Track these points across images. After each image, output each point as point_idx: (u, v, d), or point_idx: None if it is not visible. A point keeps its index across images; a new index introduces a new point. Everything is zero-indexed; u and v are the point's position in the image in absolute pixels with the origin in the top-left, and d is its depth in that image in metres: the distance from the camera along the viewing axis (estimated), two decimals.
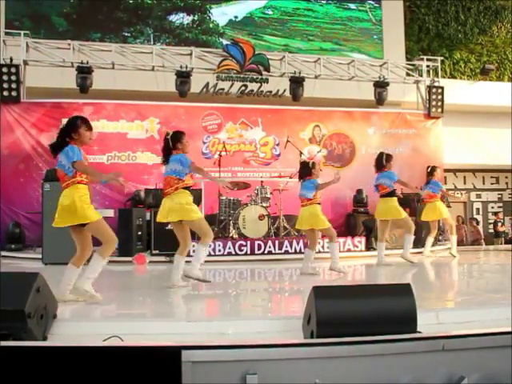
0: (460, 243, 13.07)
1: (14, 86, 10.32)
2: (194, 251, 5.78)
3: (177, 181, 5.42)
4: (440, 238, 11.57)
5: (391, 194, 7.73)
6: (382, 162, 7.74)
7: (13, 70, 10.28)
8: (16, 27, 11.72)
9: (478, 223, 15.05)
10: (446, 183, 14.47)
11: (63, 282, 4.55)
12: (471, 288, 6.14)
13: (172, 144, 5.53)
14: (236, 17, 14.37)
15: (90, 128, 4.64)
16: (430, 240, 9.14)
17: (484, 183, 16.58)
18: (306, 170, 6.81)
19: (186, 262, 5.56)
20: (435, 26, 15.62)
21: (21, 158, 10.35)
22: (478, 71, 15.32)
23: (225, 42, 13.16)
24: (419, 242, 9.76)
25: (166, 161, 5.56)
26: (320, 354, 2.31)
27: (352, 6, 15.04)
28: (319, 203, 6.74)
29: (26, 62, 10.63)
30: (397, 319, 2.92)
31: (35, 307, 3.14)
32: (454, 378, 2.38)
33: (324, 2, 14.87)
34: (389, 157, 7.83)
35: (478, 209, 16.51)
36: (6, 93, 10.30)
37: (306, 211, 6.64)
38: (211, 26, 14.14)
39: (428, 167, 9.45)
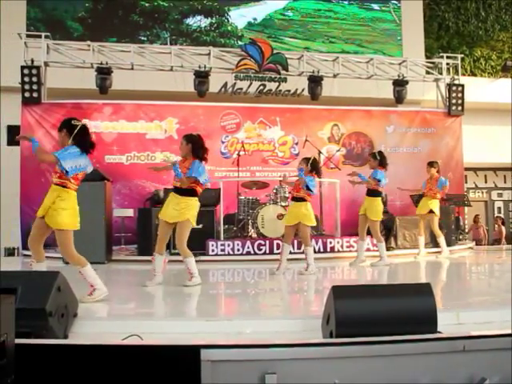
0: (479, 243, 12.97)
1: (35, 87, 10.44)
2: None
3: None
4: (460, 237, 11.46)
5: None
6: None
7: (34, 71, 10.39)
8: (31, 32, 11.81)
9: (503, 223, 14.76)
10: (466, 182, 14.31)
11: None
12: (492, 288, 6.06)
13: None
14: (255, 19, 14.18)
15: None
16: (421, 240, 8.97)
17: (505, 182, 16.33)
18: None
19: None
20: (455, 23, 15.44)
21: None
22: (499, 68, 15.10)
23: None
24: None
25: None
26: (339, 354, 2.30)
27: (375, 6, 14.73)
28: None
29: (46, 64, 10.74)
30: (417, 319, 2.89)
31: (56, 306, 3.18)
32: (475, 380, 2.35)
33: (346, 2, 14.61)
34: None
35: (499, 208, 16.28)
36: (27, 94, 10.43)
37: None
38: (229, 28, 13.99)
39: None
